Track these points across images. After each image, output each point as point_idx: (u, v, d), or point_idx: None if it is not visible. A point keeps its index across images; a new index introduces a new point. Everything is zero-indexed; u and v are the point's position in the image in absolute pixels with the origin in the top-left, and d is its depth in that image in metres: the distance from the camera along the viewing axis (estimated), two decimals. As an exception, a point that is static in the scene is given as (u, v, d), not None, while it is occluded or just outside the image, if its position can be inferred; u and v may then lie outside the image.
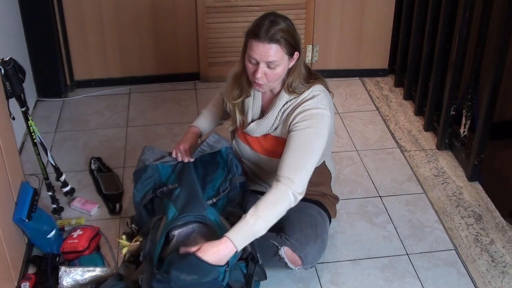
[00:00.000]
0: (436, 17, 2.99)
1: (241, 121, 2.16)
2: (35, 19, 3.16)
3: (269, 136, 2.12)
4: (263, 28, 1.89)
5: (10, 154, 2.11)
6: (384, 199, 2.62)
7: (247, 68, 1.98)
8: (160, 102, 3.38)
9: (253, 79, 1.98)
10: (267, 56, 1.91)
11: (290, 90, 2.03)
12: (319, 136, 1.99)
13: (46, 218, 2.25)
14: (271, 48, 1.90)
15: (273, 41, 1.89)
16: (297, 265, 2.08)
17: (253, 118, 2.14)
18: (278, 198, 1.91)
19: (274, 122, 2.08)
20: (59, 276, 2.09)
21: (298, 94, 2.03)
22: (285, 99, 2.04)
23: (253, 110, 2.13)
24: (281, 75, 1.99)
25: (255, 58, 1.92)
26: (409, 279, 2.20)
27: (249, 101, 2.13)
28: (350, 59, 3.58)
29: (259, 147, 2.16)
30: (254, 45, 1.91)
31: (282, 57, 1.93)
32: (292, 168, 1.94)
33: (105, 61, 3.43)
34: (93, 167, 2.76)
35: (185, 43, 3.44)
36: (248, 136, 2.18)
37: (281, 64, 1.95)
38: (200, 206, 2.03)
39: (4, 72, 2.08)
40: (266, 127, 2.10)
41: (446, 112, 2.91)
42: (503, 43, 2.47)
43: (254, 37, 1.91)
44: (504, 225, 2.48)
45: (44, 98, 3.36)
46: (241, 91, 2.10)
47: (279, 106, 2.05)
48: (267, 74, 1.95)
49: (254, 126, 2.12)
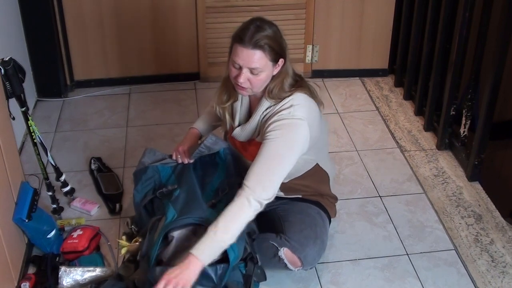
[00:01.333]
0: (436, 17, 2.99)
1: (230, 124, 2.17)
2: (35, 19, 3.16)
3: (253, 141, 2.11)
4: (248, 33, 1.89)
5: (10, 154, 2.11)
6: (384, 199, 2.62)
7: (230, 72, 1.97)
8: (160, 102, 3.38)
9: (236, 83, 1.96)
10: (251, 62, 1.90)
11: (270, 96, 2.00)
12: (289, 147, 1.95)
13: (46, 218, 2.25)
14: (254, 54, 1.89)
15: (257, 47, 1.88)
16: (296, 266, 2.08)
17: (240, 122, 2.14)
18: (239, 207, 1.90)
19: (256, 128, 2.07)
20: (59, 276, 2.09)
21: (278, 101, 2.00)
22: (266, 105, 2.02)
23: (240, 115, 2.13)
24: (265, 81, 1.97)
25: (238, 63, 1.91)
26: (409, 279, 2.20)
27: (236, 105, 2.13)
28: (350, 59, 3.58)
29: (245, 152, 2.17)
30: (239, 50, 1.90)
31: (266, 63, 1.92)
32: (255, 177, 1.92)
33: (105, 61, 3.43)
34: (93, 167, 2.76)
35: (185, 43, 3.44)
36: (236, 141, 2.19)
37: (264, 71, 1.93)
38: (199, 208, 2.03)
39: (4, 72, 2.08)
40: (250, 132, 2.10)
41: (446, 112, 2.91)
42: (503, 43, 2.47)
43: (239, 42, 1.90)
44: (504, 225, 2.48)
45: (44, 98, 3.36)
46: (229, 96, 2.11)
47: (260, 111, 2.04)
48: (250, 79, 1.94)
49: (239, 131, 2.13)
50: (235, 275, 1.96)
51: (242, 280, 1.97)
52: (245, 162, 2.26)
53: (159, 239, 1.95)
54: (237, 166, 2.23)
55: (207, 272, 1.88)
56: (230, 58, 1.96)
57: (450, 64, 2.85)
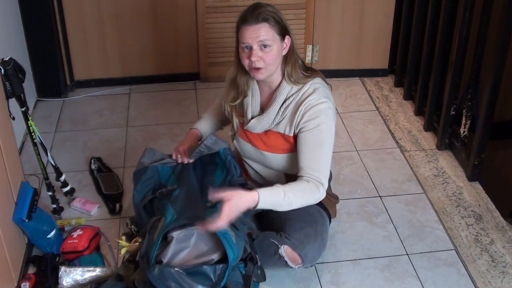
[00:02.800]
0: (436, 17, 2.99)
1: (238, 124, 2.18)
2: (35, 19, 3.16)
3: (270, 132, 2.13)
4: (249, 12, 1.95)
5: (10, 154, 2.11)
6: (384, 199, 2.62)
7: (242, 60, 2.00)
8: (160, 102, 3.38)
9: (250, 65, 1.99)
10: (258, 36, 1.93)
11: (292, 80, 2.05)
12: (329, 131, 2.06)
13: (46, 218, 2.25)
14: (260, 27, 1.93)
15: (261, 20, 1.93)
16: (297, 263, 2.08)
17: (253, 115, 2.15)
18: (311, 192, 2.00)
19: (275, 117, 2.09)
20: (59, 276, 2.09)
21: (300, 86, 2.05)
22: (286, 92, 2.06)
23: (252, 108, 2.14)
24: (276, 57, 1.99)
25: (247, 42, 1.95)
26: (409, 279, 2.20)
27: (247, 100, 2.14)
28: (350, 59, 3.58)
29: (261, 143, 2.16)
30: (244, 30, 1.95)
31: (273, 36, 1.95)
32: (317, 167, 2.02)
33: (105, 61, 3.44)
34: (93, 167, 2.76)
35: (185, 43, 3.44)
36: (250, 134, 2.18)
37: (273, 44, 1.96)
38: (198, 208, 2.03)
39: (4, 72, 2.08)
40: (267, 123, 2.11)
41: (446, 112, 2.91)
42: (503, 43, 2.47)
43: (243, 23, 1.95)
44: (504, 225, 2.48)
45: (44, 98, 3.36)
46: (238, 93, 2.13)
47: (280, 100, 2.07)
48: (262, 57, 1.96)
49: (255, 122, 2.13)
50: (235, 275, 1.96)
51: (242, 281, 1.98)
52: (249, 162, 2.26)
53: (158, 239, 1.95)
54: (237, 166, 2.23)
55: (205, 271, 1.88)
56: (239, 46, 2.00)
57: (450, 64, 2.85)
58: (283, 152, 2.12)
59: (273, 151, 2.15)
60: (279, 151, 2.12)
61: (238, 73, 2.09)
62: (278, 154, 2.13)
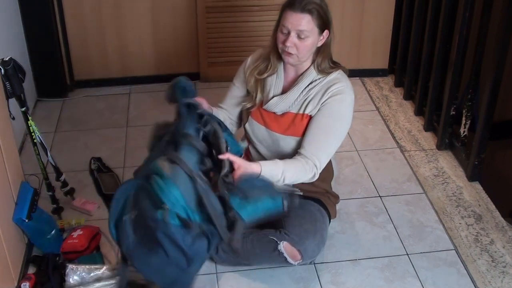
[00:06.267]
0: (436, 17, 2.99)
1: (260, 99, 2.19)
2: (35, 19, 3.16)
3: (287, 114, 2.14)
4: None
5: (10, 154, 2.11)
6: (384, 199, 2.62)
7: (278, 39, 2.04)
8: (160, 102, 3.36)
9: (283, 48, 2.03)
10: (299, 24, 1.97)
11: (319, 69, 2.10)
12: (346, 122, 2.13)
13: (46, 218, 2.25)
14: (303, 17, 1.97)
15: (306, 11, 1.97)
16: (296, 259, 2.08)
17: (274, 95, 2.16)
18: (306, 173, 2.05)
19: (296, 99, 2.11)
20: (66, 273, 2.10)
21: (325, 75, 2.10)
22: (311, 78, 2.10)
23: (275, 88, 2.16)
24: (310, 48, 2.03)
25: (287, 26, 1.99)
26: (409, 279, 2.21)
27: (272, 79, 2.16)
28: (350, 59, 3.57)
29: (276, 125, 2.17)
30: (288, 14, 1.99)
31: (312, 28, 1.99)
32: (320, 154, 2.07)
33: (105, 61, 3.43)
34: (93, 167, 2.76)
35: (185, 43, 3.44)
36: (266, 114, 2.18)
37: (310, 36, 2.00)
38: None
39: (4, 72, 2.08)
40: (289, 103, 2.12)
41: (446, 112, 2.91)
42: (503, 43, 2.47)
43: (289, 7, 1.99)
44: (504, 225, 2.48)
45: (44, 98, 3.36)
46: (267, 67, 2.15)
47: (305, 83, 2.10)
48: (297, 44, 2.00)
49: (276, 100, 2.14)
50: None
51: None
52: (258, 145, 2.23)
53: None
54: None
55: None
56: (280, 25, 2.03)
57: (450, 64, 2.85)
58: (296, 135, 2.13)
59: (286, 133, 2.15)
60: (292, 133, 2.14)
61: (272, 51, 2.12)
62: (291, 136, 2.14)
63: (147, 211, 1.79)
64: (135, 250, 1.81)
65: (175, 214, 1.75)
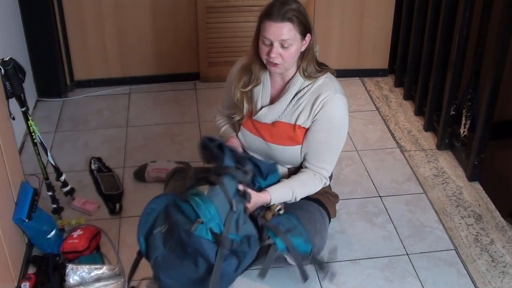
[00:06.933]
0: (436, 17, 2.99)
1: (248, 110, 2.17)
2: (35, 19, 3.16)
3: (278, 123, 2.13)
4: (275, 8, 1.95)
5: (10, 154, 2.11)
6: (384, 199, 2.62)
7: (261, 51, 2.01)
8: (160, 102, 3.38)
9: (268, 59, 2.01)
10: (281, 34, 1.94)
11: (306, 74, 2.07)
12: (343, 128, 2.12)
13: (46, 218, 2.25)
14: (284, 26, 1.94)
15: (286, 19, 1.94)
16: None
17: (262, 105, 2.15)
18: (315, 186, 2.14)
19: (286, 107, 2.10)
20: (66, 273, 2.10)
21: (313, 80, 2.07)
22: (299, 84, 2.08)
23: (262, 98, 2.15)
24: (295, 55, 2.01)
25: (268, 38, 1.96)
26: (409, 279, 2.20)
27: (258, 89, 2.15)
28: (350, 59, 3.58)
29: (268, 135, 2.16)
30: (268, 25, 1.96)
31: (295, 36, 1.97)
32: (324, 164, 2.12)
33: (105, 61, 3.43)
34: (93, 167, 2.76)
35: (185, 43, 3.44)
36: (258, 124, 2.17)
37: (294, 43, 1.98)
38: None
39: (4, 72, 2.08)
40: (278, 112, 2.11)
41: (446, 112, 2.91)
42: (503, 43, 2.47)
43: (267, 17, 1.96)
44: (504, 225, 2.48)
45: (44, 98, 3.36)
46: (250, 79, 2.13)
47: (293, 92, 2.08)
48: (281, 54, 1.98)
49: (265, 111, 2.13)
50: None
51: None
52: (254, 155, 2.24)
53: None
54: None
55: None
56: (260, 37, 2.00)
57: (450, 64, 2.85)
58: (291, 144, 2.12)
59: (279, 143, 2.14)
60: (285, 143, 2.13)
61: (254, 61, 2.10)
62: (285, 146, 2.13)
63: (181, 224, 1.84)
64: (163, 262, 1.85)
65: (208, 228, 1.81)
